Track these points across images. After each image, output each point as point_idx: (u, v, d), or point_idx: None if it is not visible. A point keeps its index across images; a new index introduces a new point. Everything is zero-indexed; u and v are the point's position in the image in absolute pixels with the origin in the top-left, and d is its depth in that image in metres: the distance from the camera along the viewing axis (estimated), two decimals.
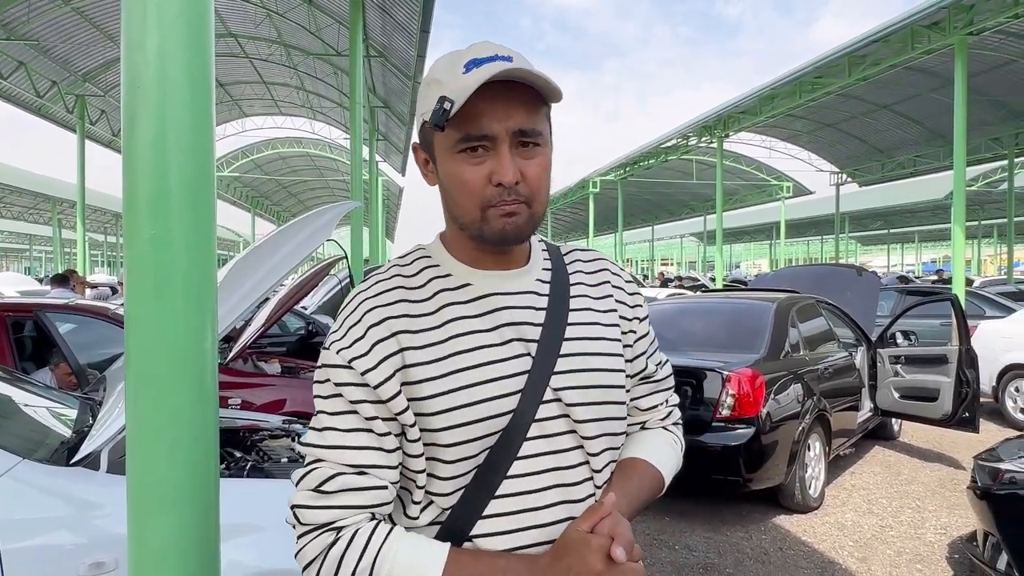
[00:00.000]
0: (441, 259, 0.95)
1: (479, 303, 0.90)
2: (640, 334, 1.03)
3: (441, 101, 0.82)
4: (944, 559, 3.96)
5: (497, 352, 0.88)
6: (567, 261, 1.02)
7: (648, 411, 1.07)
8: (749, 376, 4.40)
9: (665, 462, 1.02)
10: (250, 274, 2.32)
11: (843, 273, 7.31)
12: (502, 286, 0.92)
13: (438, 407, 0.85)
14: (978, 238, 44.80)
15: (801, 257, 66.85)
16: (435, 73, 0.88)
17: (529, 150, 0.87)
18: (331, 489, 0.83)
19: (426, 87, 0.89)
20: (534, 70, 0.83)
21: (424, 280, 0.92)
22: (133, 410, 1.04)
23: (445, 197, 0.92)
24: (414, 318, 0.88)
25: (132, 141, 1.03)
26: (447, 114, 0.81)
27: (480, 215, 0.86)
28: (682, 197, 37.65)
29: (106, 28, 15.33)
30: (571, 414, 0.89)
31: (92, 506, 1.96)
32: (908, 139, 22.41)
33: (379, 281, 0.92)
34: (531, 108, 0.86)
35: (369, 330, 0.86)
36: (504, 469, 0.86)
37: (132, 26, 1.03)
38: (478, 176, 0.85)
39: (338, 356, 0.86)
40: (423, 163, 0.95)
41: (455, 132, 0.85)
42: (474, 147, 0.85)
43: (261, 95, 23.19)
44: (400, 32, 14.05)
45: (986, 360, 6.83)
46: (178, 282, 1.04)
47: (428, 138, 0.91)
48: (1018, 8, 10.96)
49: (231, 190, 35.41)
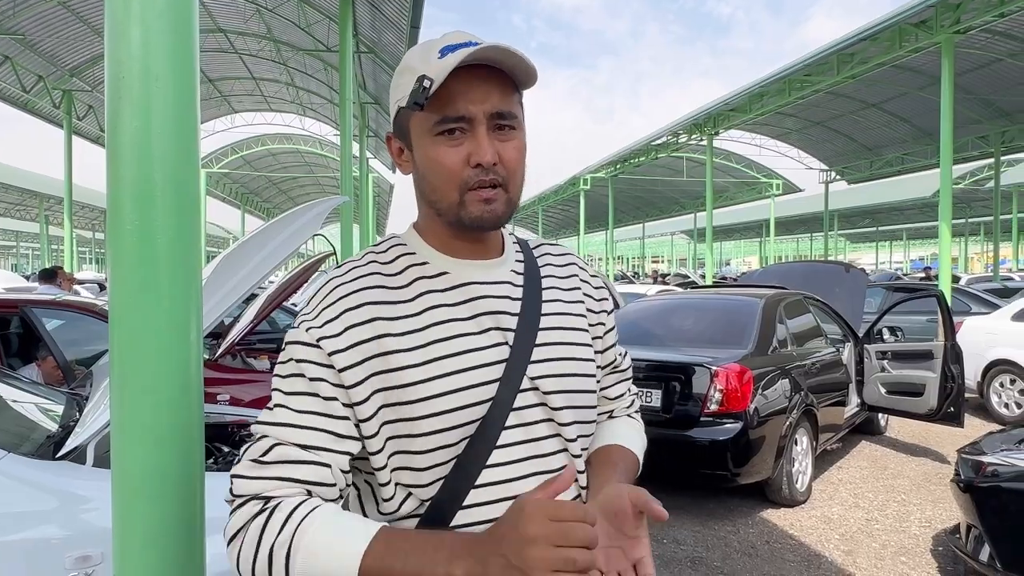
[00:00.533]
0: (417, 247, 0.94)
1: (457, 291, 0.90)
2: (608, 326, 1.07)
3: (420, 80, 0.82)
4: (928, 551, 4.00)
5: (477, 340, 0.88)
6: (537, 255, 1.03)
7: (615, 400, 1.11)
8: (737, 371, 4.44)
9: (639, 448, 1.06)
10: (238, 269, 2.32)
11: (831, 270, 7.37)
12: (479, 275, 0.92)
13: (420, 394, 0.84)
14: (965, 236, 45.22)
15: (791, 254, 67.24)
16: (409, 61, 0.88)
17: (505, 133, 0.87)
18: (269, 460, 0.81)
19: (400, 76, 0.89)
20: (510, 47, 0.83)
21: (401, 267, 0.92)
22: (118, 404, 1.04)
23: (421, 182, 0.91)
24: (393, 304, 0.87)
25: (116, 134, 1.02)
26: (427, 92, 0.81)
27: (459, 198, 0.87)
28: (672, 195, 37.78)
29: (93, 23, 15.21)
30: (547, 402, 0.90)
31: (78, 500, 1.96)
32: (896, 137, 22.58)
33: (355, 267, 0.91)
34: (506, 92, 0.87)
35: (344, 313, 0.85)
36: (484, 458, 0.86)
37: (115, 18, 1.02)
38: (456, 158, 0.85)
39: (306, 334, 0.84)
40: (397, 152, 0.94)
41: (432, 115, 0.85)
42: (451, 129, 0.85)
43: (250, 91, 23.07)
44: (390, 28, 14.02)
45: (971, 356, 6.91)
46: (162, 276, 1.04)
47: (404, 125, 0.91)
48: (1004, 7, 11.07)
49: (220, 187, 35.23)
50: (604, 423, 1.08)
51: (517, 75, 0.87)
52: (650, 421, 4.66)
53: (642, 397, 4.73)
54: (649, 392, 4.69)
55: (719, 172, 28.41)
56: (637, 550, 0.82)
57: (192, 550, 1.07)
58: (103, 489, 1.91)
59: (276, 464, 0.80)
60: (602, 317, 1.06)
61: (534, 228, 53.39)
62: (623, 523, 0.83)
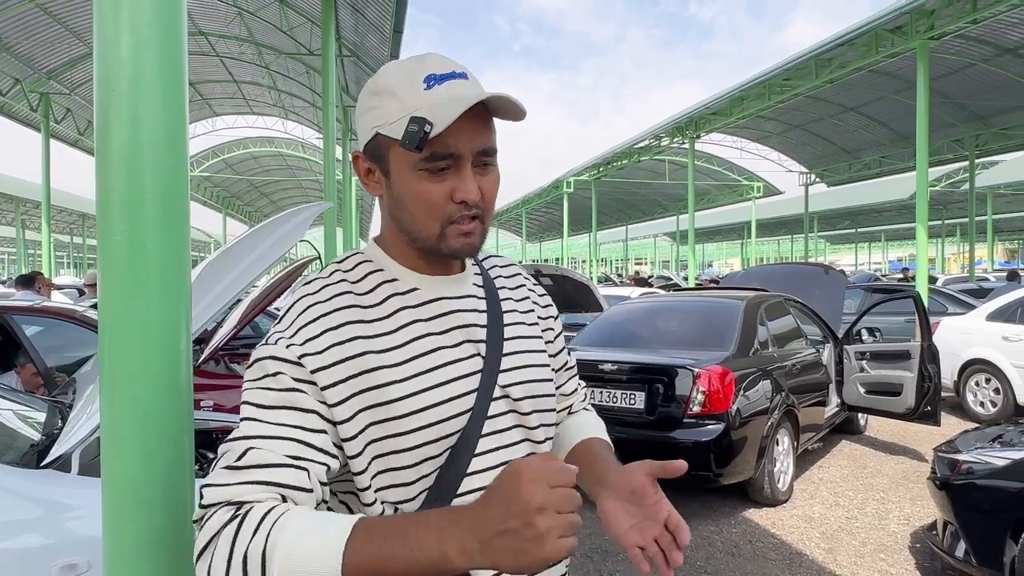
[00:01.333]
0: (385, 264, 0.94)
1: (429, 307, 0.92)
2: (557, 331, 1.12)
3: (420, 123, 0.81)
4: (907, 548, 4.08)
5: (453, 353, 0.90)
6: (487, 267, 1.07)
7: (571, 395, 1.17)
8: (719, 373, 4.49)
9: (607, 436, 1.13)
10: (222, 275, 2.32)
11: (811, 272, 7.47)
12: (448, 290, 0.95)
13: (406, 409, 0.85)
14: (942, 237, 45.93)
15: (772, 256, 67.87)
16: (387, 83, 0.87)
17: (486, 168, 0.89)
18: (243, 464, 0.77)
19: (379, 98, 0.88)
20: (510, 96, 0.84)
21: (372, 285, 0.92)
22: (108, 411, 1.04)
23: (398, 210, 0.90)
24: (371, 323, 0.88)
25: (105, 144, 1.03)
26: (426, 137, 0.81)
27: (439, 231, 0.87)
28: (655, 197, 38.01)
29: (71, 25, 15.02)
30: (517, 408, 0.94)
31: (64, 508, 1.95)
32: (874, 140, 22.92)
33: (327, 285, 0.90)
34: (491, 127, 0.88)
35: (327, 332, 0.84)
36: (465, 467, 0.88)
37: (105, 28, 1.03)
38: (441, 193, 0.86)
39: (287, 351, 0.81)
40: (365, 172, 0.93)
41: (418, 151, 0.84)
42: (438, 167, 0.85)
43: (232, 94, 22.89)
44: (373, 32, 14.00)
45: (947, 355, 7.04)
46: (152, 284, 1.05)
47: (382, 151, 0.89)
48: (976, 13, 11.29)
49: (202, 190, 34.89)
50: (568, 419, 1.15)
51: (507, 115, 0.88)
52: (633, 423, 4.71)
53: (626, 399, 4.77)
54: (633, 394, 4.73)
55: (701, 175, 28.64)
56: (661, 511, 0.87)
57: (183, 557, 1.08)
58: (89, 497, 1.91)
59: (251, 468, 0.77)
60: (550, 323, 1.11)
61: (518, 231, 53.46)
62: (643, 497, 0.88)
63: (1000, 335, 7.33)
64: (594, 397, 4.89)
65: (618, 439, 4.99)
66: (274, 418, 0.80)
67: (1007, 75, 16.56)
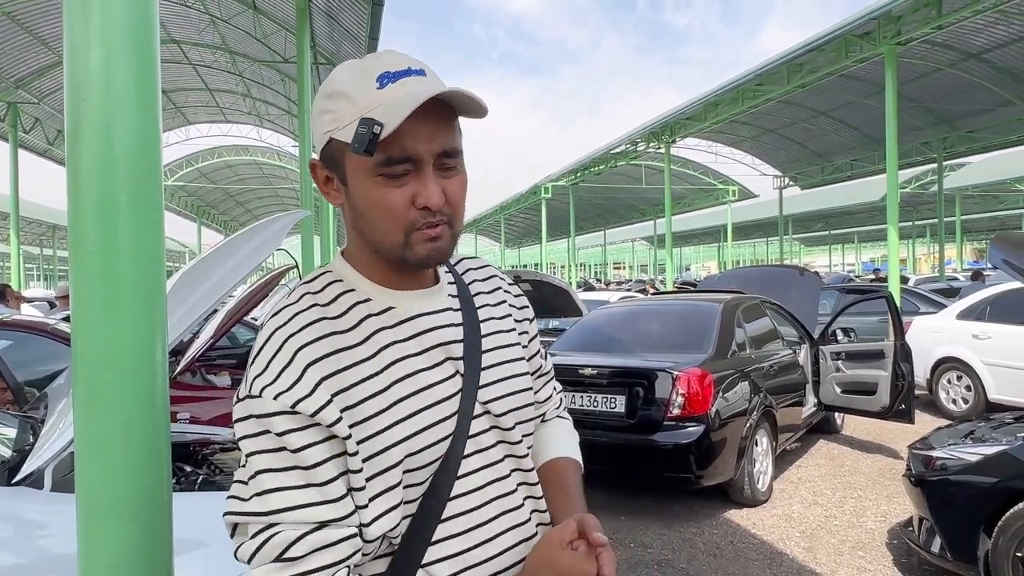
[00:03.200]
0: (355, 282, 0.89)
1: (405, 326, 0.87)
2: (532, 334, 1.08)
3: (369, 125, 0.75)
4: (884, 545, 4.14)
5: (431, 376, 0.86)
6: (461, 272, 1.02)
7: (546, 402, 1.12)
8: (698, 375, 4.53)
9: (577, 448, 1.10)
10: (198, 285, 2.29)
11: (786, 274, 7.57)
12: (423, 306, 0.89)
13: (388, 442, 0.81)
14: (912, 238, 46.80)
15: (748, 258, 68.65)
16: (339, 85, 0.82)
17: (449, 171, 0.84)
18: (300, 553, 0.74)
19: (329, 100, 0.83)
20: (465, 91, 0.79)
21: (345, 307, 0.86)
22: (82, 425, 1.03)
23: (360, 220, 0.85)
24: (347, 351, 0.82)
25: (76, 155, 1.02)
26: (377, 138, 0.75)
27: (403, 239, 0.82)
28: (632, 202, 38.27)
29: (40, 34, 14.77)
30: (499, 424, 0.91)
31: (36, 525, 1.91)
32: (845, 143, 23.31)
33: (298, 314, 0.83)
34: (452, 127, 0.84)
35: (307, 370, 0.78)
36: (447, 492, 0.85)
37: (75, 38, 1.02)
38: (401, 200, 0.81)
39: (276, 402, 0.76)
40: (324, 181, 0.87)
41: (376, 154, 0.78)
42: (396, 172, 0.80)
43: (206, 102, 22.64)
44: (348, 39, 13.95)
45: (920, 354, 7.17)
46: (126, 295, 1.03)
47: (336, 156, 0.84)
48: (942, 19, 11.57)
49: (175, 199, 34.45)
50: (541, 429, 1.09)
51: (467, 112, 0.83)
52: (614, 426, 4.73)
53: (607, 403, 4.78)
54: (613, 398, 4.75)
55: (677, 179, 28.89)
56: None
57: (161, 573, 1.07)
58: (63, 514, 1.87)
59: (311, 556, 0.75)
60: (525, 326, 1.06)
61: (496, 237, 53.48)
62: None
63: (970, 333, 7.48)
64: (575, 401, 4.90)
65: (599, 443, 5.01)
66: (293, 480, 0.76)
67: (972, 79, 16.96)
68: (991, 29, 14.56)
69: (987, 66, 16.29)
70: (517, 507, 0.92)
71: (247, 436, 0.78)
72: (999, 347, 7.16)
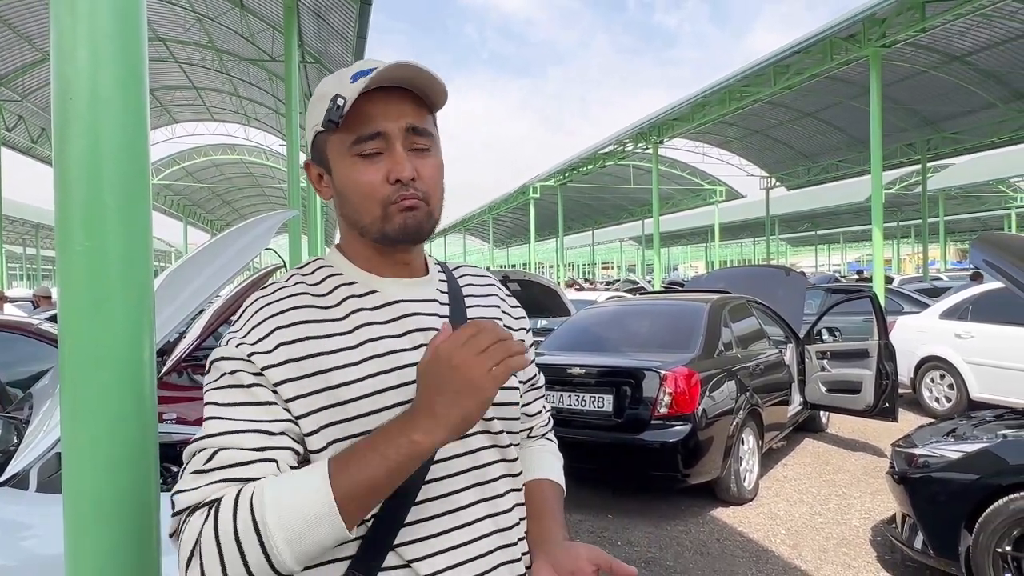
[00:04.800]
0: (343, 268, 0.95)
1: (386, 309, 0.92)
2: (527, 343, 1.10)
3: (334, 99, 0.85)
4: (868, 542, 4.19)
5: (410, 356, 0.89)
6: (457, 276, 1.06)
7: (535, 416, 1.14)
8: (685, 375, 4.56)
9: (562, 475, 1.13)
10: (185, 285, 2.29)
11: (772, 273, 7.63)
12: (407, 293, 0.94)
13: (360, 411, 0.84)
14: (897, 238, 47.30)
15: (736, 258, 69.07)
16: (323, 89, 0.91)
17: (421, 152, 0.90)
18: (212, 466, 0.78)
19: (315, 104, 0.92)
20: (421, 64, 0.86)
21: (330, 288, 0.92)
22: (69, 426, 1.02)
23: (343, 204, 0.92)
24: (324, 323, 0.88)
25: (64, 155, 1.01)
26: (341, 109, 0.84)
27: (381, 213, 0.88)
28: (620, 202, 38.40)
29: (23, 30, 14.62)
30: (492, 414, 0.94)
31: (21, 527, 1.90)
32: (830, 145, 23.52)
33: (282, 287, 0.91)
34: (420, 110, 0.91)
35: (276, 331, 0.85)
36: (422, 475, 0.86)
37: (62, 38, 1.01)
38: (376, 176, 0.88)
39: (236, 349, 0.84)
40: (316, 179, 0.95)
41: (348, 135, 0.87)
42: (369, 151, 0.88)
43: (192, 101, 22.49)
44: (336, 38, 13.90)
45: (904, 353, 7.25)
46: (114, 296, 1.02)
47: (322, 149, 0.93)
48: (925, 22, 11.70)
49: (162, 199, 34.18)
50: (527, 448, 1.11)
51: (428, 95, 0.91)
52: (602, 426, 4.75)
53: (594, 402, 4.81)
54: (601, 397, 4.77)
55: (665, 179, 29.03)
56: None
57: (149, 574, 1.07)
58: (49, 515, 1.86)
59: (220, 468, 0.78)
60: (521, 334, 1.09)
61: (485, 237, 53.46)
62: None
63: (953, 332, 7.57)
64: (563, 401, 4.92)
65: (587, 442, 5.02)
66: (236, 414, 0.81)
67: (955, 81, 17.17)
68: (974, 32, 14.75)
69: (970, 69, 16.49)
70: (497, 495, 0.93)
71: (208, 383, 0.86)
72: (981, 346, 7.25)
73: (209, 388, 0.85)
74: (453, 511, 0.88)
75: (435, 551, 0.86)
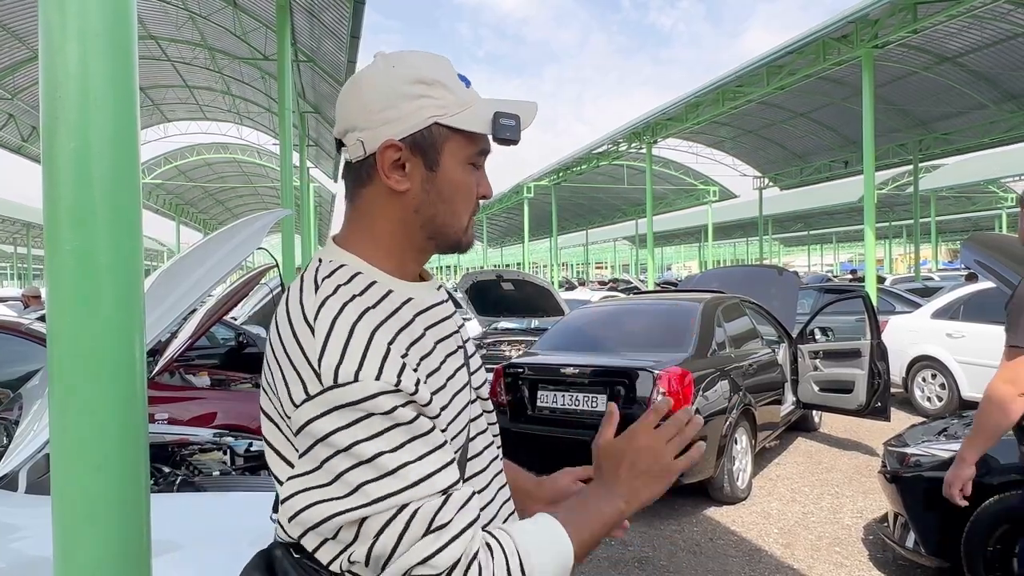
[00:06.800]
0: (376, 275, 0.87)
1: (428, 314, 0.91)
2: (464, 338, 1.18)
3: (513, 118, 0.87)
4: (860, 541, 4.20)
5: (456, 360, 0.94)
6: None
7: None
8: (679, 374, 4.56)
9: None
10: (177, 285, 2.27)
11: (765, 273, 7.65)
12: (431, 299, 0.94)
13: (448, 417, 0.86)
14: (889, 238, 47.54)
15: (729, 258, 69.28)
16: (434, 75, 0.86)
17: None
18: (449, 517, 0.75)
19: (428, 87, 0.85)
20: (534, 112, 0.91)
21: (379, 295, 0.85)
22: (58, 426, 1.01)
23: (436, 203, 0.88)
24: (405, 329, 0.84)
25: (52, 155, 1.00)
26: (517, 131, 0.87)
27: (467, 223, 0.93)
28: (614, 202, 38.45)
29: (13, 28, 14.51)
30: (485, 408, 1.01)
31: (10, 528, 1.88)
32: (823, 145, 23.62)
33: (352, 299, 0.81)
34: None
35: (390, 347, 0.78)
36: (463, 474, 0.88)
37: (51, 36, 1.00)
38: (475, 188, 0.92)
39: (376, 384, 0.74)
40: (392, 164, 0.86)
41: (473, 145, 0.89)
42: (479, 162, 0.92)
43: (184, 99, 22.38)
44: (329, 37, 13.86)
45: (896, 353, 7.28)
46: (104, 294, 1.02)
47: (435, 142, 0.86)
48: (917, 23, 11.76)
49: (154, 198, 34.00)
50: None
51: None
52: (596, 426, 4.72)
53: (588, 403, 4.81)
54: (595, 397, 4.78)
55: (658, 179, 29.09)
56: None
57: (139, 575, 1.06)
58: (38, 516, 1.84)
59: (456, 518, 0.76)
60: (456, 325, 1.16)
61: (479, 236, 53.46)
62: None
63: (944, 332, 7.61)
64: (557, 401, 4.92)
65: (581, 442, 5.02)
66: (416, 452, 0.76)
67: (947, 82, 17.26)
68: (965, 33, 14.83)
69: (962, 70, 16.59)
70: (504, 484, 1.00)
71: (340, 428, 0.74)
72: (972, 346, 7.29)
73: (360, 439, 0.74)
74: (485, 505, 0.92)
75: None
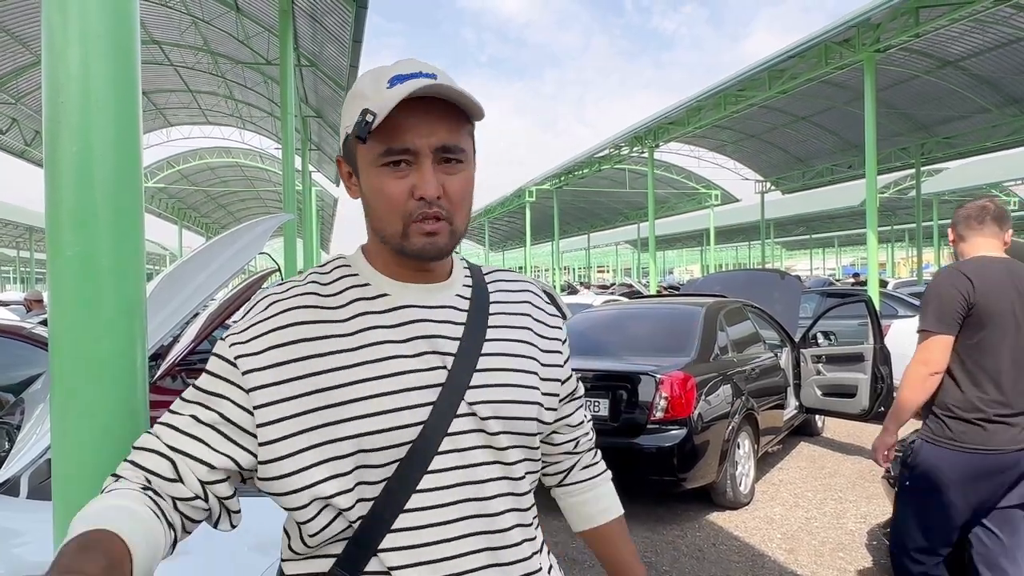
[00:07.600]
0: (360, 269, 0.95)
1: (394, 314, 0.91)
2: (566, 355, 1.10)
3: (364, 113, 0.83)
4: (864, 546, 4.18)
5: (409, 363, 0.88)
6: (488, 281, 1.03)
7: (578, 427, 1.16)
8: (681, 379, 4.55)
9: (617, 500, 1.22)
10: (180, 289, 2.27)
11: (767, 277, 7.63)
12: (420, 299, 0.93)
13: (344, 415, 0.84)
14: (891, 242, 47.47)
15: (731, 262, 69.22)
16: (359, 87, 0.90)
17: (451, 166, 0.88)
18: (136, 445, 0.87)
19: (350, 101, 0.90)
20: (455, 87, 0.84)
21: (340, 288, 0.93)
22: (60, 431, 1.01)
23: (367, 210, 0.92)
24: (324, 324, 0.88)
25: (54, 158, 1.00)
26: (369, 126, 0.82)
27: (402, 229, 0.87)
28: (616, 205, 38.47)
29: (17, 33, 14.57)
30: (485, 428, 0.90)
31: (12, 533, 1.87)
32: (825, 149, 23.61)
33: (293, 285, 0.93)
34: (454, 125, 0.88)
35: (271, 332, 0.87)
36: (414, 483, 0.85)
37: (53, 39, 1.00)
38: (400, 190, 0.86)
39: (229, 349, 0.87)
40: (346, 176, 0.95)
41: (378, 145, 0.86)
42: (396, 161, 0.86)
43: (187, 104, 22.46)
44: (332, 41, 13.90)
45: (899, 357, 7.23)
46: (106, 299, 1.01)
47: (352, 151, 0.92)
48: (919, 28, 11.77)
49: (156, 202, 34.09)
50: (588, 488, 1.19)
51: (467, 107, 0.88)
52: (598, 430, 4.70)
53: (590, 407, 4.80)
54: (597, 401, 4.76)
55: (660, 183, 29.10)
56: None
57: None
58: (40, 521, 1.84)
59: (137, 449, 0.86)
60: (555, 345, 1.06)
61: (480, 240, 53.48)
62: None
63: None
64: None
65: None
66: (183, 410, 0.88)
67: (949, 86, 17.26)
68: (967, 37, 14.84)
69: (963, 73, 16.58)
70: (493, 514, 0.90)
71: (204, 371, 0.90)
72: None
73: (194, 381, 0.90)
74: (439, 524, 0.86)
75: (417, 561, 0.85)
